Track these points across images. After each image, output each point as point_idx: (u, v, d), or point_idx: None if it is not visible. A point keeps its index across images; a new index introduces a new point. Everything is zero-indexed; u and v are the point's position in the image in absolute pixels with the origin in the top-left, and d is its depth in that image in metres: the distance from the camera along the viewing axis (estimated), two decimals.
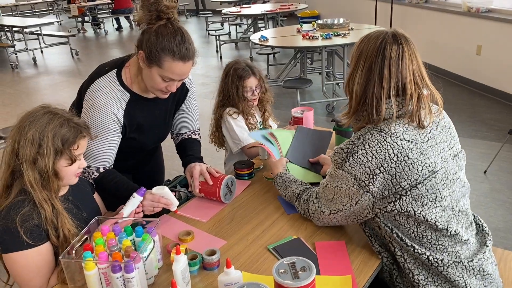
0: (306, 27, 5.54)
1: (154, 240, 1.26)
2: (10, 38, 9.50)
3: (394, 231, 1.25)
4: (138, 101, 1.62)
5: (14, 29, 9.00)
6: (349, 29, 5.11)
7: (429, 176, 1.20)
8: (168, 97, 1.66)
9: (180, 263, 1.19)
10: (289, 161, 1.78)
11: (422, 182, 1.20)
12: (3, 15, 11.36)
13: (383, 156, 1.19)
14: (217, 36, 7.93)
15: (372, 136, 1.22)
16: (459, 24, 5.25)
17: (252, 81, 2.05)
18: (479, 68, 5.04)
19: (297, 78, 5.34)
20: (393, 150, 1.19)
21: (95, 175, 1.62)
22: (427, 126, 1.24)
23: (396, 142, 1.20)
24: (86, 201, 1.50)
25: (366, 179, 1.21)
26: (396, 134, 1.21)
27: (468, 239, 1.28)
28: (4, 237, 1.25)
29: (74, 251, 1.21)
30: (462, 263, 1.24)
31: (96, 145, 1.57)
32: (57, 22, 11.66)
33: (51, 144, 1.26)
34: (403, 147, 1.19)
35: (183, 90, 1.78)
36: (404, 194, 1.20)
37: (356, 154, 1.22)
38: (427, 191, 1.20)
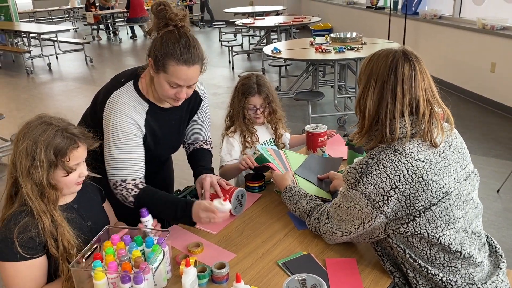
0: (319, 40, 5.56)
1: (164, 251, 1.26)
2: (27, 44, 9.68)
3: (406, 252, 1.23)
4: (156, 111, 1.62)
5: (31, 35, 9.16)
6: (362, 43, 5.12)
7: (443, 198, 1.18)
8: (182, 107, 1.66)
9: (190, 275, 1.18)
10: (296, 174, 1.77)
11: (436, 204, 1.18)
12: (20, 21, 11.58)
13: (398, 176, 1.17)
14: (230, 47, 7.98)
15: (386, 156, 1.20)
16: (474, 41, 5.22)
17: (255, 100, 2.00)
18: (493, 86, 4.99)
19: (309, 91, 5.34)
20: (407, 171, 1.17)
21: (135, 192, 1.55)
22: (440, 145, 1.22)
23: (410, 163, 1.18)
24: (92, 209, 1.47)
25: (380, 200, 1.19)
26: (410, 154, 1.19)
27: (481, 261, 1.26)
28: (0, 244, 1.25)
29: (84, 260, 1.21)
30: (476, 285, 1.21)
31: (125, 155, 1.53)
32: (73, 29, 11.84)
33: (44, 156, 1.24)
34: (417, 168, 1.18)
35: (197, 100, 1.78)
36: (418, 215, 1.18)
37: (370, 175, 1.20)
38: (441, 212, 1.18)
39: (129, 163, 1.54)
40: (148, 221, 1.45)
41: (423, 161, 1.19)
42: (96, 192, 1.54)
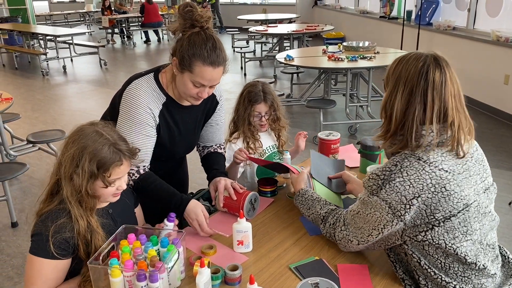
0: (332, 48, 5.59)
1: (178, 252, 1.28)
2: (43, 46, 9.84)
3: (421, 260, 1.23)
4: (173, 106, 1.66)
5: (47, 37, 9.32)
6: (375, 53, 5.13)
7: (463, 209, 1.18)
8: (199, 107, 1.69)
9: (204, 276, 1.20)
10: (313, 177, 1.76)
11: (456, 215, 1.17)
12: (37, 24, 11.78)
13: (421, 185, 1.16)
14: (243, 53, 8.04)
15: (410, 164, 1.18)
16: (487, 53, 5.21)
17: (261, 107, 2.03)
18: (506, 98, 4.97)
19: (320, 99, 5.36)
20: (431, 180, 1.16)
21: (136, 176, 1.63)
22: (466, 154, 1.20)
23: (434, 172, 1.17)
24: (126, 216, 1.49)
25: (401, 208, 1.18)
26: (434, 164, 1.17)
27: (495, 273, 1.26)
28: (34, 239, 1.29)
29: (101, 258, 1.23)
30: None
31: (135, 141, 1.58)
32: (88, 32, 12.01)
33: (87, 166, 1.26)
34: (441, 178, 1.16)
35: (214, 102, 1.82)
36: (437, 225, 1.17)
37: (393, 182, 1.18)
38: (459, 224, 1.18)
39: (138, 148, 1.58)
40: (168, 226, 1.46)
41: (446, 171, 1.17)
42: (130, 197, 1.55)
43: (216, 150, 1.94)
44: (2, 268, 2.74)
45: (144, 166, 1.65)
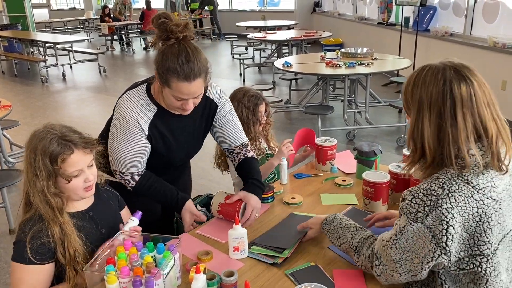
0: (330, 55, 5.62)
1: (174, 258, 1.29)
2: (42, 53, 9.88)
3: (447, 285, 1.14)
4: (165, 115, 1.66)
5: (47, 44, 9.36)
6: (372, 59, 5.16)
7: (501, 240, 1.09)
8: (195, 113, 1.68)
9: (199, 282, 1.21)
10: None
11: (498, 247, 1.08)
12: (37, 31, 11.83)
13: (467, 214, 1.06)
14: (241, 60, 8.08)
15: (459, 188, 1.07)
16: (484, 59, 5.23)
17: (263, 106, 2.21)
18: (504, 104, 4.98)
19: (318, 105, 5.38)
20: (477, 209, 1.06)
21: (132, 184, 1.68)
22: (508, 167, 1.09)
23: (482, 200, 1.07)
24: (108, 217, 1.49)
25: (444, 237, 1.06)
26: (484, 191, 1.07)
27: None
28: (14, 246, 1.31)
29: (97, 264, 1.24)
30: None
31: (124, 152, 1.61)
32: (88, 39, 12.07)
33: (42, 165, 1.26)
34: (488, 207, 1.07)
35: (212, 107, 1.76)
36: (485, 262, 1.08)
37: (440, 209, 1.06)
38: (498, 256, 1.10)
39: (127, 160, 1.63)
40: (133, 221, 1.45)
41: (494, 200, 1.07)
42: (115, 200, 1.56)
43: (246, 155, 1.85)
44: (0, 274, 2.74)
45: (138, 172, 1.68)
